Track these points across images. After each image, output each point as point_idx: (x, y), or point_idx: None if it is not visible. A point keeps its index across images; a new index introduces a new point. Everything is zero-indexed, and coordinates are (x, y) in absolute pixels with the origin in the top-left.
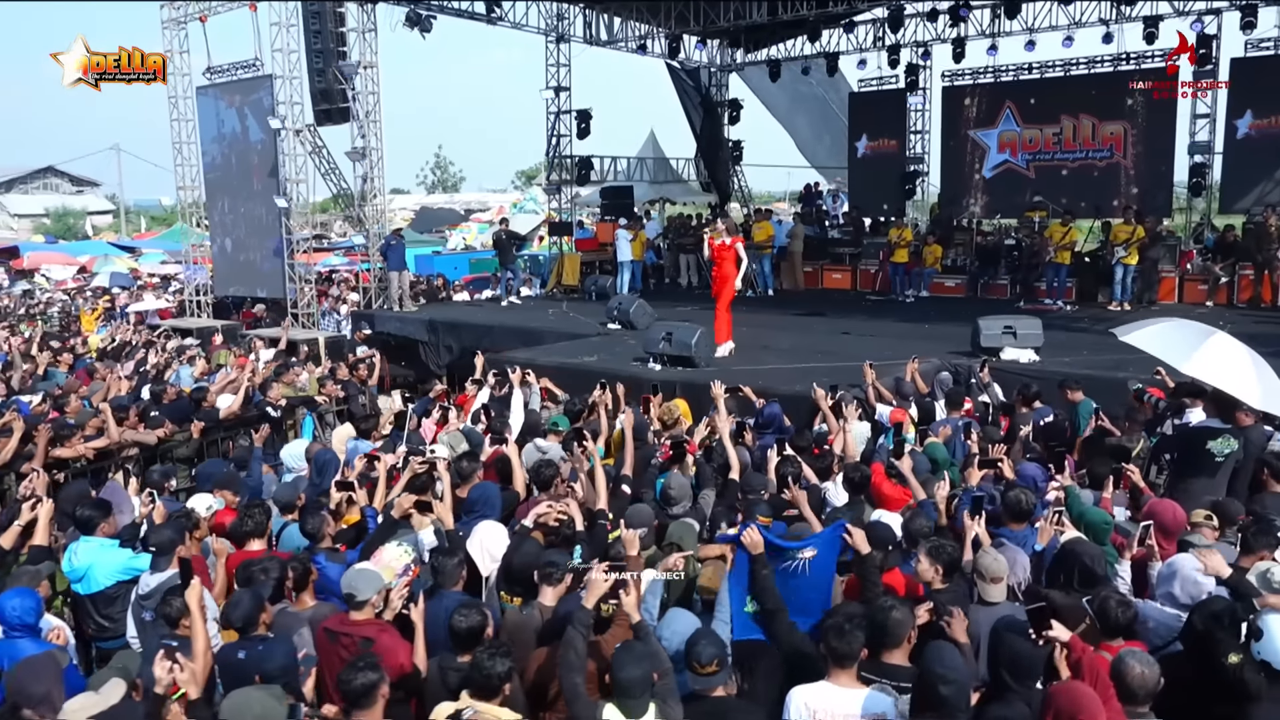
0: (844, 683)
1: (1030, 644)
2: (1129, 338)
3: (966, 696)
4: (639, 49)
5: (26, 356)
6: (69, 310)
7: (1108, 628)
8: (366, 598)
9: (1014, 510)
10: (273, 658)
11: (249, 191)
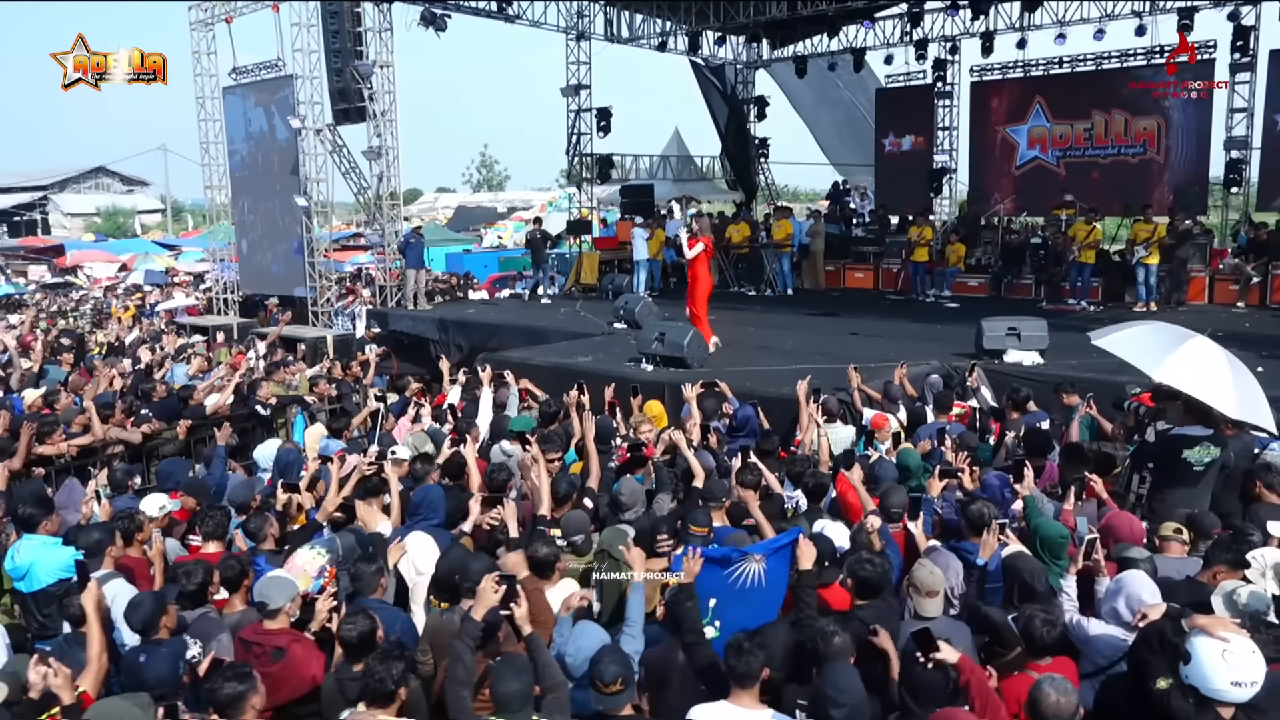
0: (744, 703)
1: (933, 672)
2: (1102, 341)
3: (862, 718)
4: (659, 46)
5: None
6: (101, 308)
7: (1032, 647)
8: (279, 606)
9: (974, 523)
10: (152, 665)
11: (274, 190)
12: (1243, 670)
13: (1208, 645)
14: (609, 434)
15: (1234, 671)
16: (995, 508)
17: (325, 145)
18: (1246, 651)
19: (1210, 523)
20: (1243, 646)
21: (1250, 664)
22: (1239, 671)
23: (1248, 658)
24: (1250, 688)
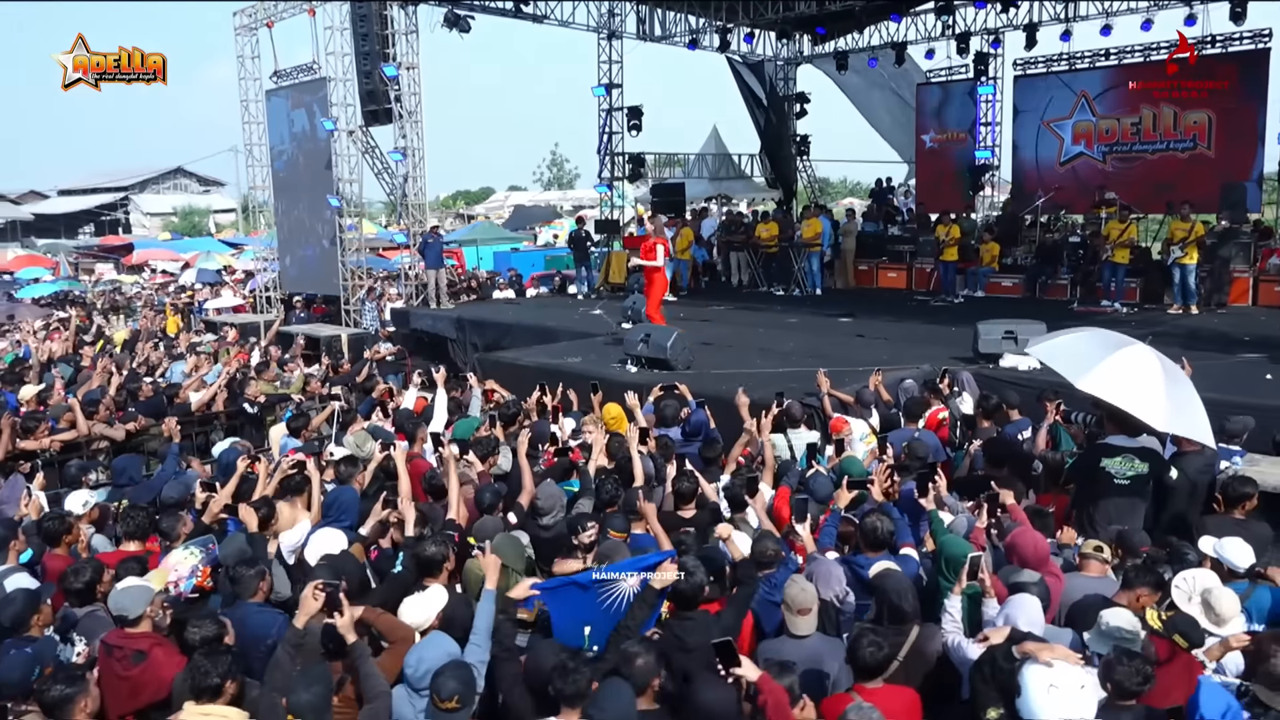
0: None
1: (725, 689)
2: (1034, 349)
3: None
4: (690, 44)
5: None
6: (153, 304)
7: (857, 668)
8: (136, 615)
9: (868, 537)
10: (10, 667)
11: (311, 190)
12: (1068, 706)
13: (1035, 676)
14: (542, 438)
15: (1059, 707)
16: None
17: (358, 146)
18: (1074, 686)
19: (1138, 540)
20: (1071, 679)
21: (1077, 699)
22: (1064, 707)
23: (1075, 692)
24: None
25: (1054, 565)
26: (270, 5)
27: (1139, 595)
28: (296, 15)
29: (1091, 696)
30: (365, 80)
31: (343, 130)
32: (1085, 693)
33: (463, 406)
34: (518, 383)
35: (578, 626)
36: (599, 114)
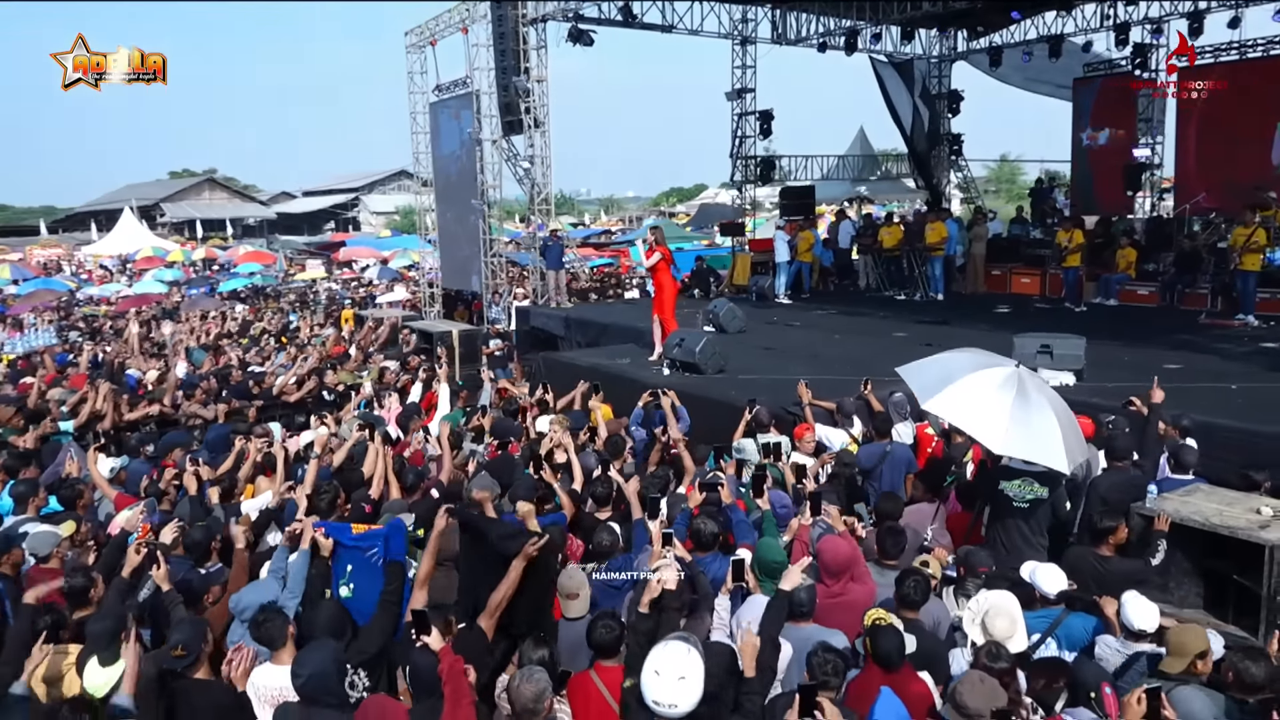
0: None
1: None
2: (903, 369)
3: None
4: (820, 48)
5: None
6: (335, 299)
7: (593, 645)
8: (46, 554)
9: (696, 538)
10: None
11: (464, 194)
12: (662, 691)
13: (650, 659)
14: (507, 434)
15: (656, 690)
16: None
17: (500, 154)
18: (674, 677)
19: (977, 560)
20: (672, 669)
21: (670, 689)
22: (659, 691)
23: (672, 685)
24: (670, 709)
25: (862, 572)
26: (433, 24)
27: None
28: (454, 34)
29: (685, 691)
30: (503, 93)
31: (486, 139)
32: (681, 684)
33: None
34: (571, 381)
35: (342, 566)
36: (731, 119)
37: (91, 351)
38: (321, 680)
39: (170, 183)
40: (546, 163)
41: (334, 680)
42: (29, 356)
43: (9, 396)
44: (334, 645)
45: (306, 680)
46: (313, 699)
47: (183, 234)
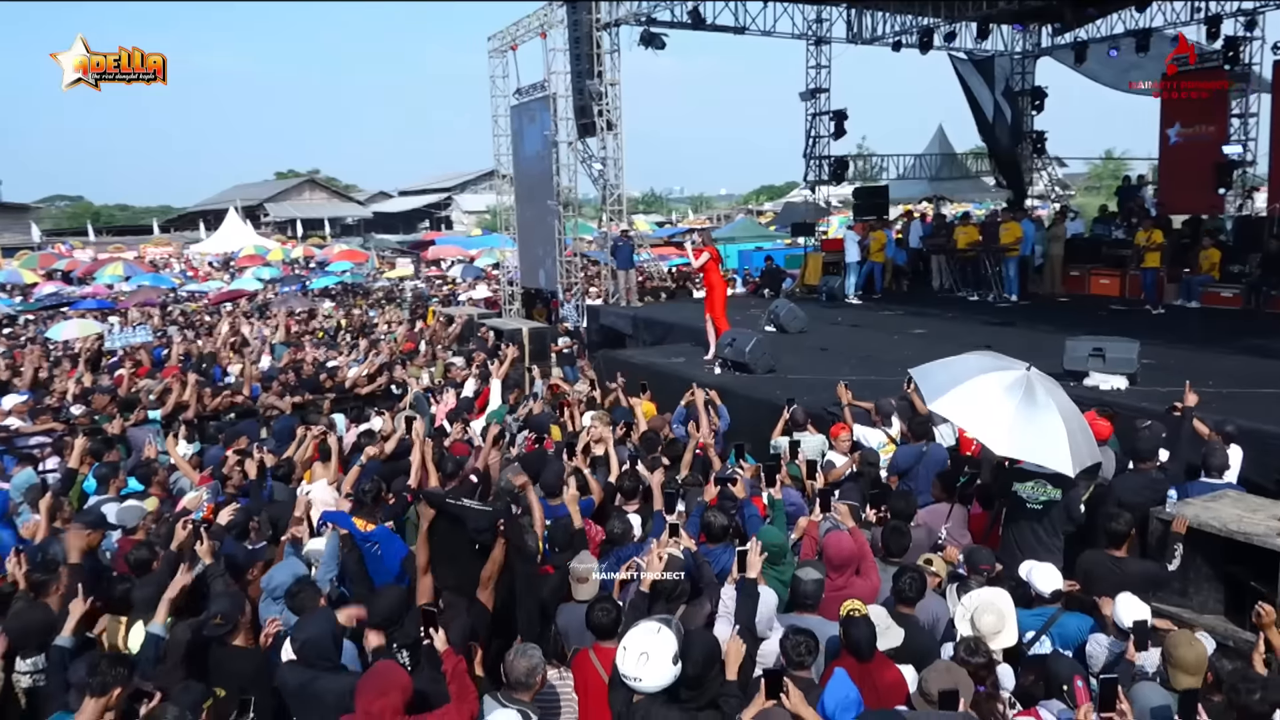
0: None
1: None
2: (915, 369)
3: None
4: (895, 46)
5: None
6: (420, 296)
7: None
8: (133, 525)
9: (707, 530)
10: None
11: (541, 195)
12: (628, 665)
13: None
14: (542, 428)
15: (624, 664)
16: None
17: (576, 155)
18: (637, 652)
19: (980, 559)
20: (637, 645)
21: (634, 664)
22: (626, 665)
23: (634, 659)
24: (635, 682)
25: (868, 568)
26: (514, 30)
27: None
28: (533, 38)
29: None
30: (578, 96)
31: (562, 141)
32: (649, 660)
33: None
34: (631, 379)
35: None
36: (805, 118)
37: (183, 345)
38: (316, 645)
39: (275, 183)
40: (619, 164)
41: (329, 646)
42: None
43: (106, 387)
44: (331, 615)
45: (303, 645)
46: (309, 662)
47: (285, 233)
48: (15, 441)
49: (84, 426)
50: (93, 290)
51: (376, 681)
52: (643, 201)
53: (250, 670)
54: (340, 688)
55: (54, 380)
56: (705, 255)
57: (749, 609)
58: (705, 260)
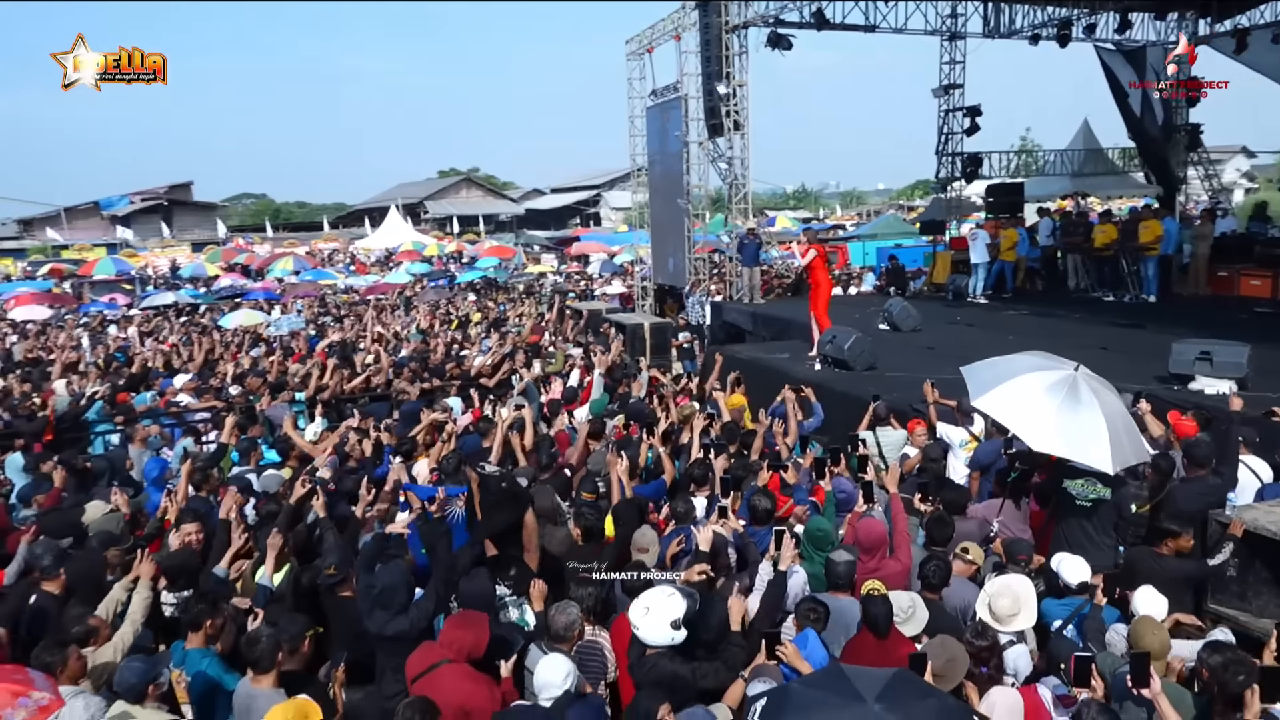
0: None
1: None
2: (965, 367)
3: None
4: (1032, 40)
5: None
6: (558, 290)
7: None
8: (273, 491)
9: (753, 513)
10: None
11: (672, 194)
12: (635, 618)
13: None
14: (634, 417)
15: (633, 617)
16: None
17: (706, 154)
18: (642, 608)
19: (1018, 549)
20: (643, 602)
21: (639, 617)
22: (634, 618)
23: (640, 613)
24: (643, 635)
25: (901, 551)
26: (650, 33)
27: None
28: (668, 41)
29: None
30: (708, 97)
31: (693, 141)
32: (646, 613)
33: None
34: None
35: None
36: (938, 115)
37: (333, 333)
38: (390, 591)
39: (435, 182)
40: (745, 164)
41: (401, 592)
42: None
43: (259, 370)
44: (404, 568)
45: (381, 591)
46: (384, 604)
47: (443, 229)
48: (184, 416)
49: (239, 405)
50: (265, 283)
51: (463, 618)
52: (793, 197)
53: (356, 618)
54: (408, 628)
55: (220, 363)
56: (811, 253)
57: (777, 590)
58: (811, 258)
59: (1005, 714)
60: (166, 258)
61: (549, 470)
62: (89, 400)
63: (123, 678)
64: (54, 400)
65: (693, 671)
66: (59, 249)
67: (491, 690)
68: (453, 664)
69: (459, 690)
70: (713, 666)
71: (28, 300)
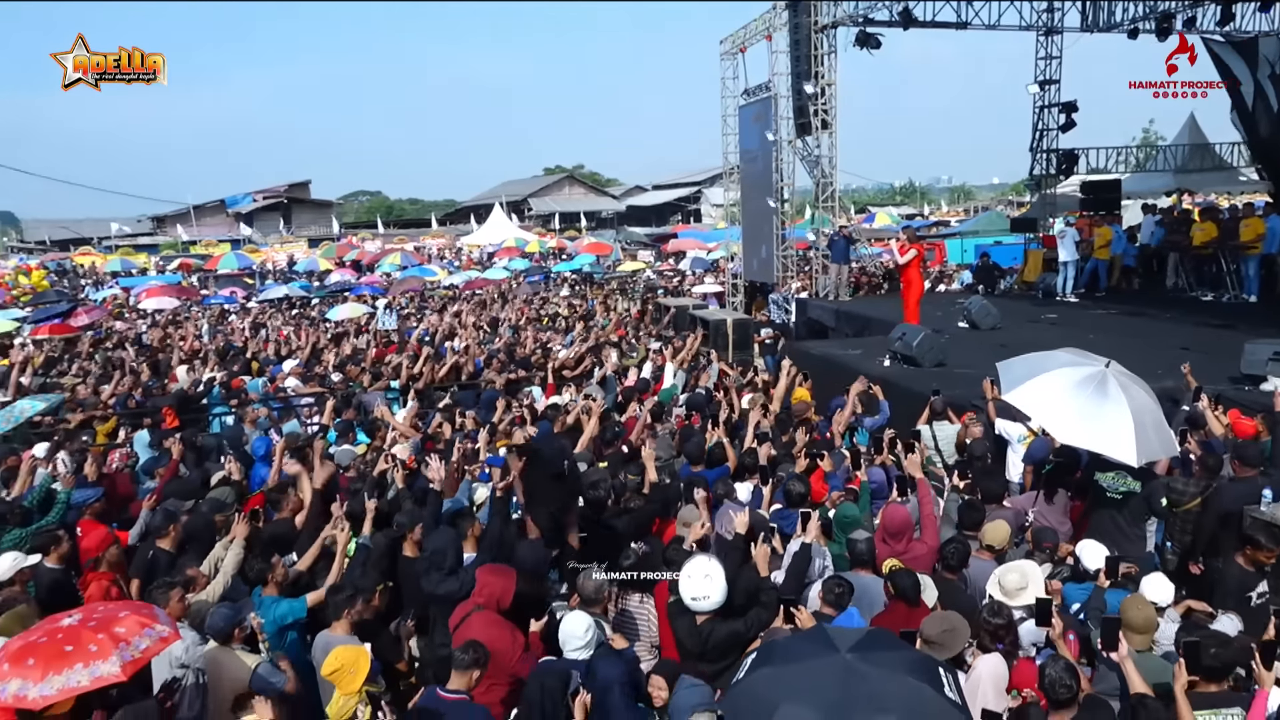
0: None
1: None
2: (1001, 364)
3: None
4: (1131, 33)
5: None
6: (651, 287)
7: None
8: (346, 465)
9: (788, 497)
10: None
11: (762, 191)
12: (694, 587)
13: (685, 567)
14: (696, 407)
15: (689, 588)
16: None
17: (796, 154)
18: (700, 575)
19: (1044, 537)
20: (699, 570)
21: (700, 584)
22: (692, 588)
23: (700, 581)
24: (704, 601)
25: (928, 534)
26: (742, 33)
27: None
28: (759, 41)
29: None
30: (797, 96)
31: (783, 139)
32: (708, 580)
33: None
34: (809, 368)
35: None
36: (1032, 111)
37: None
38: (440, 554)
39: (540, 179)
40: (833, 162)
41: (449, 555)
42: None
43: (359, 359)
44: (453, 534)
45: (433, 553)
46: (437, 566)
47: (546, 226)
48: (290, 400)
49: (340, 391)
50: (372, 278)
51: (494, 568)
52: (899, 192)
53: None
54: (456, 588)
55: (325, 352)
56: (911, 252)
57: (801, 561)
58: (911, 257)
59: (989, 676)
60: (284, 253)
61: (610, 448)
62: (207, 385)
63: (212, 621)
64: (176, 384)
65: (745, 625)
66: (188, 244)
67: (514, 636)
68: (483, 611)
69: (485, 634)
70: (756, 615)
71: (158, 292)
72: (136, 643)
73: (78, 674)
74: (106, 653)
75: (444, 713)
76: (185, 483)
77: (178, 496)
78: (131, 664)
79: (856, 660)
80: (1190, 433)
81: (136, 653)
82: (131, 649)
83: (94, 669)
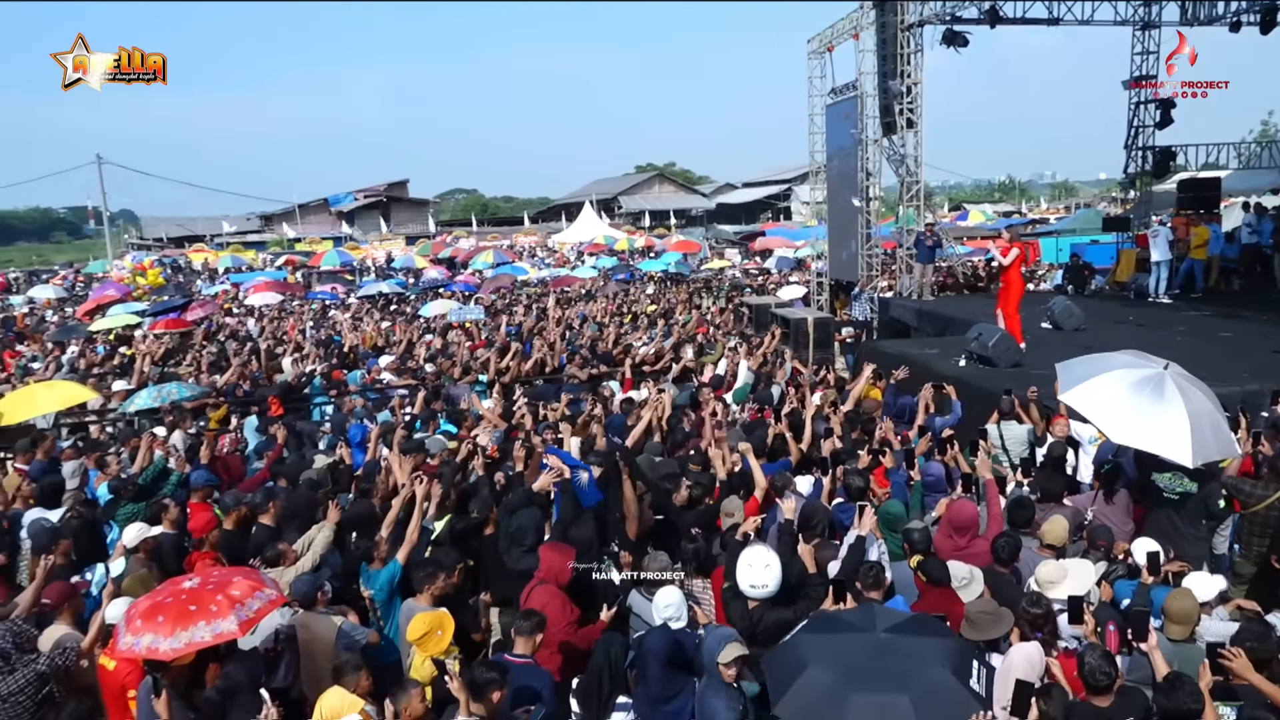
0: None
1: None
2: (1060, 364)
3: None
4: (1233, 26)
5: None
6: (736, 285)
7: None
8: (434, 453)
9: (847, 490)
10: None
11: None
12: (754, 576)
13: (742, 556)
14: (763, 402)
15: (748, 576)
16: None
17: (882, 152)
18: (761, 565)
19: (1098, 535)
20: (759, 560)
21: (760, 573)
22: (752, 576)
23: (760, 571)
24: (761, 589)
25: (992, 529)
26: (830, 32)
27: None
28: (846, 40)
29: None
30: (882, 95)
31: (869, 138)
32: (768, 570)
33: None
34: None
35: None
36: (1128, 108)
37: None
38: (521, 532)
39: (630, 177)
40: (918, 160)
41: (529, 534)
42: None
43: (450, 353)
44: (536, 515)
45: (515, 530)
46: (518, 543)
47: (635, 224)
48: (385, 391)
49: (431, 383)
50: (465, 275)
51: (556, 545)
52: (998, 189)
53: (498, 554)
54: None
55: (416, 346)
56: (1014, 252)
57: (856, 551)
58: (1014, 257)
59: (1023, 663)
60: (383, 250)
61: (681, 447)
62: (309, 376)
63: (296, 588)
64: (281, 375)
65: (794, 613)
66: (293, 241)
67: (567, 608)
68: (544, 585)
69: (542, 604)
70: (805, 605)
71: (263, 288)
72: (250, 604)
73: (201, 630)
74: (225, 612)
75: (512, 672)
76: (289, 466)
77: (282, 478)
78: (247, 622)
79: (892, 639)
80: (1266, 436)
81: (250, 612)
82: (246, 609)
83: (215, 626)
